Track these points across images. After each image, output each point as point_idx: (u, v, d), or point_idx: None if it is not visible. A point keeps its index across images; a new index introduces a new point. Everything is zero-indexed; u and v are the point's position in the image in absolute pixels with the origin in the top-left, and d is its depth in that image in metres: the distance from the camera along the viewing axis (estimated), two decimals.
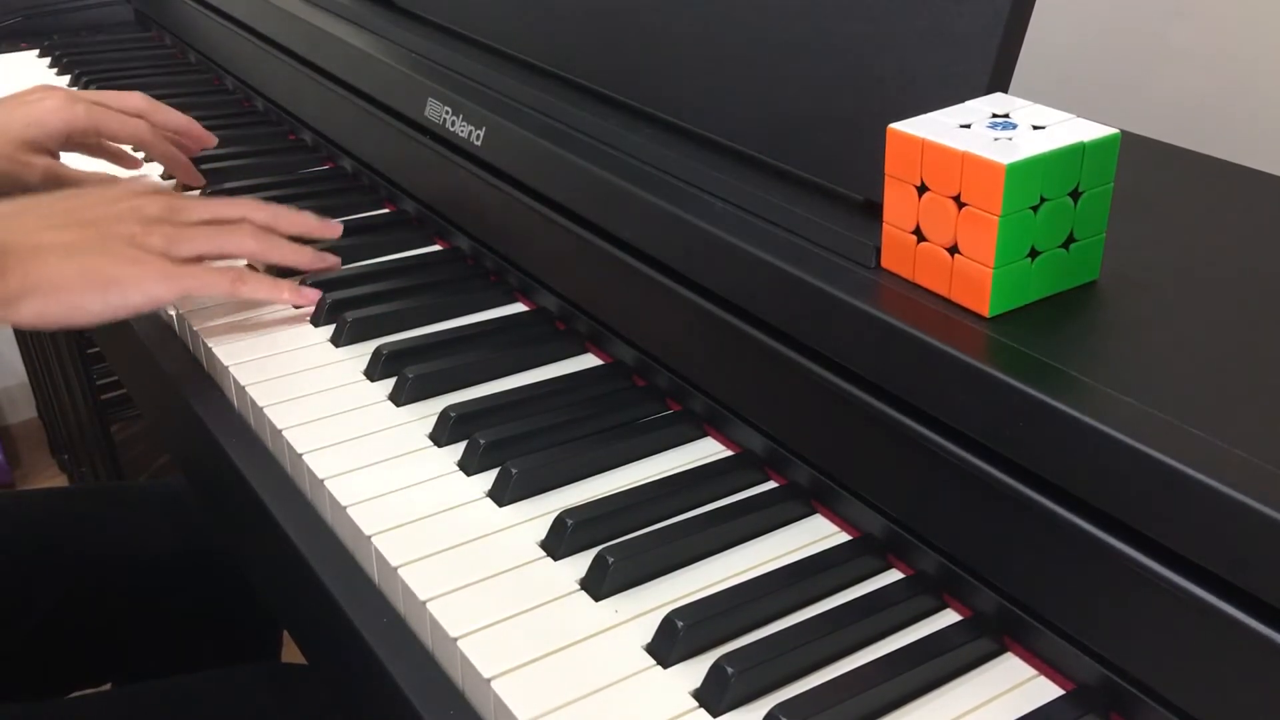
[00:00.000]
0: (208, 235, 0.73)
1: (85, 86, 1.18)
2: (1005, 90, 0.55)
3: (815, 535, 0.59)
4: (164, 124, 0.92)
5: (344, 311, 0.76)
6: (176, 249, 0.71)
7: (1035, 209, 0.50)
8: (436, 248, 0.86)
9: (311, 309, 0.77)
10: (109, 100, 0.90)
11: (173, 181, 0.96)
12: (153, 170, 0.99)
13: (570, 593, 0.55)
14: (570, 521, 0.57)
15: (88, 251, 0.67)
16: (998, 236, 0.50)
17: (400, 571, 0.55)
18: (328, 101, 0.97)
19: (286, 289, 0.76)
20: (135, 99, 0.91)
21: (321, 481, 0.61)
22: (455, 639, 0.51)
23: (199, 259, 0.72)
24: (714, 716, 0.48)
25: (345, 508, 0.59)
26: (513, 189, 0.76)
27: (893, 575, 0.56)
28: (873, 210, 0.58)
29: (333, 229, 0.82)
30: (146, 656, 1.00)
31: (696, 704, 0.49)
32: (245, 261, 0.80)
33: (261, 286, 0.75)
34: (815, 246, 0.58)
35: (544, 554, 0.57)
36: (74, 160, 0.92)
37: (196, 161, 0.96)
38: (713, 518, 0.58)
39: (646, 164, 0.67)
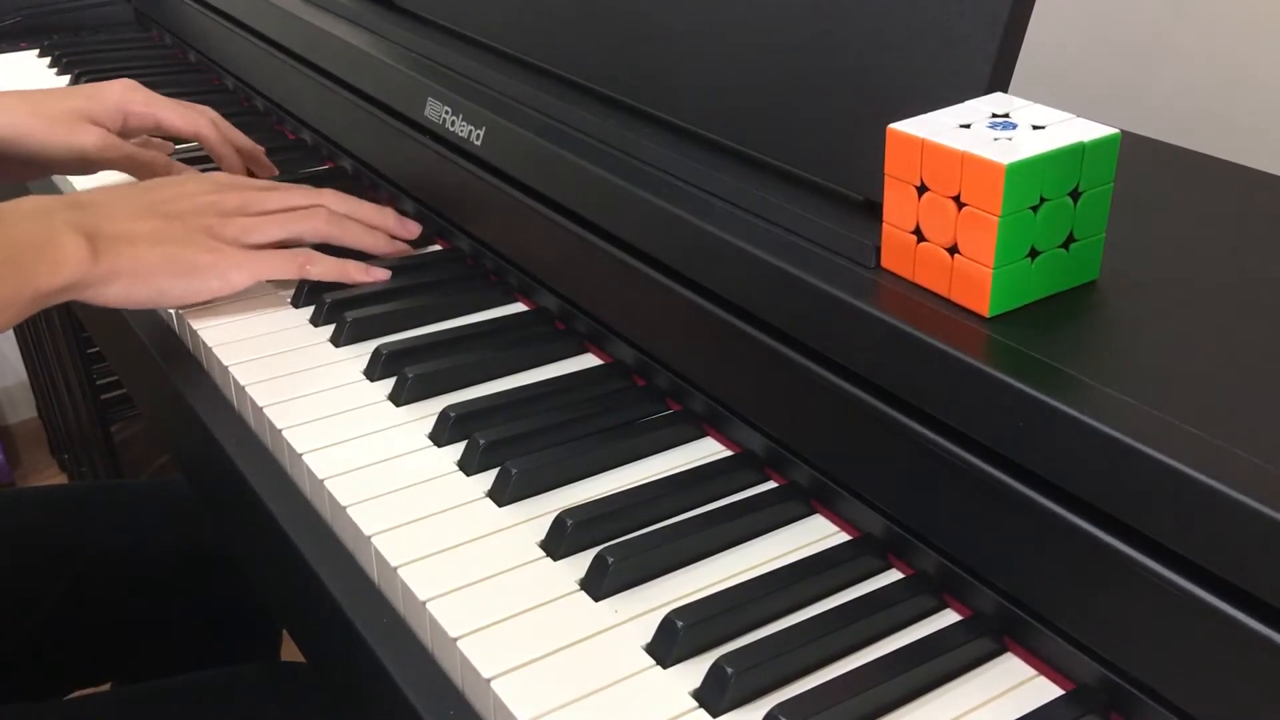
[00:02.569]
0: (281, 222, 0.78)
1: None
2: (1005, 90, 0.55)
3: (815, 535, 0.59)
4: (230, 138, 0.95)
5: (344, 311, 0.76)
6: (250, 238, 0.76)
7: (1035, 209, 0.50)
8: (436, 248, 0.86)
9: (379, 278, 0.80)
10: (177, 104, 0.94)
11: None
12: None
13: (570, 593, 0.55)
14: (570, 521, 0.57)
15: (171, 241, 0.72)
16: (998, 236, 0.50)
17: (400, 571, 0.55)
18: (327, 101, 0.97)
19: (353, 267, 0.79)
20: (203, 121, 0.94)
21: (321, 481, 0.61)
22: (455, 639, 0.51)
23: (270, 247, 0.77)
24: (714, 716, 0.48)
25: (345, 508, 0.59)
26: (513, 189, 0.76)
27: (893, 575, 0.56)
28: (873, 210, 0.58)
29: (411, 229, 0.85)
30: (146, 656, 1.00)
31: (696, 704, 0.49)
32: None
33: (330, 268, 0.78)
34: (815, 246, 0.58)
35: (544, 554, 0.57)
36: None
37: (197, 162, 0.96)
38: (713, 518, 0.58)
39: (646, 164, 0.67)
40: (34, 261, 0.66)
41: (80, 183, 0.97)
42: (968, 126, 0.52)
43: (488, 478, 0.62)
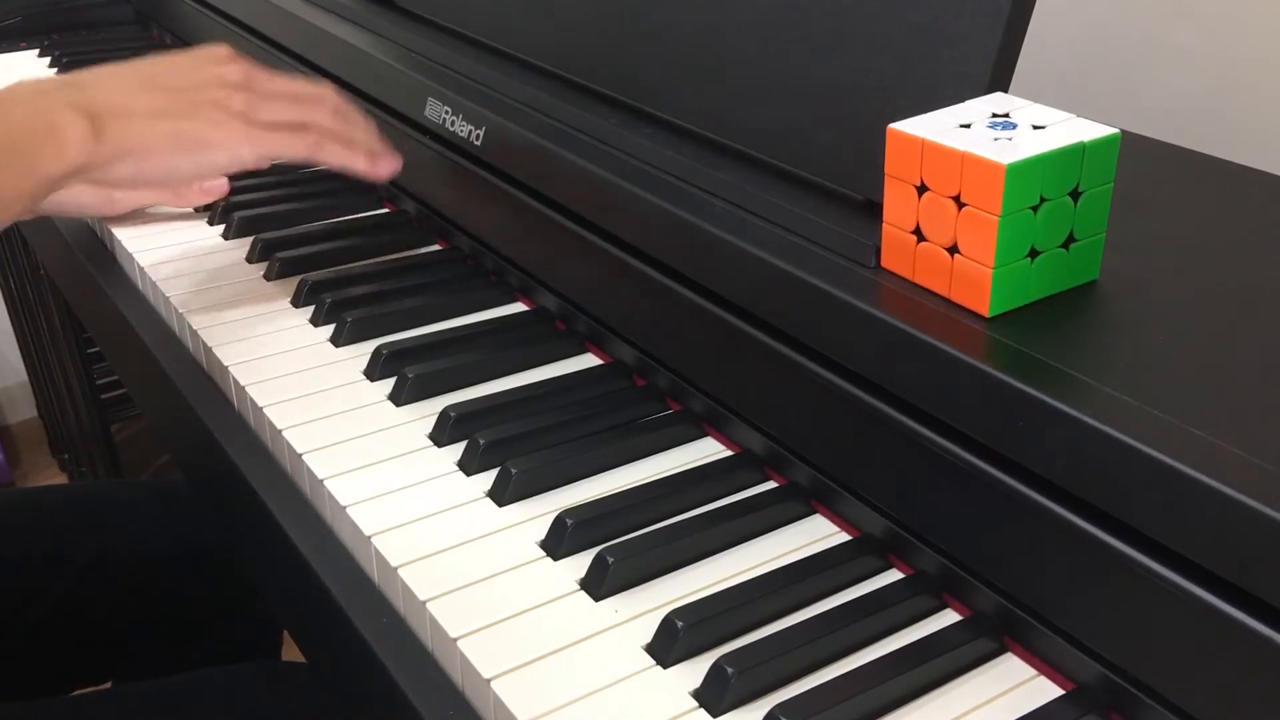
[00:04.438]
0: (286, 104, 0.75)
1: None
2: (1005, 90, 0.55)
3: (815, 535, 0.59)
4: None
5: (344, 311, 0.76)
6: (257, 114, 0.73)
7: (1035, 209, 0.50)
8: (436, 248, 0.86)
9: (386, 173, 0.78)
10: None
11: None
12: None
13: (570, 593, 0.55)
14: (570, 521, 0.57)
15: (176, 116, 0.70)
16: (998, 236, 0.50)
17: (400, 571, 0.55)
18: None
19: (362, 157, 0.77)
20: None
21: (321, 481, 0.61)
22: (455, 639, 0.51)
23: (277, 125, 0.75)
24: (714, 716, 0.48)
25: (345, 508, 0.59)
26: (513, 189, 0.76)
27: (893, 575, 0.56)
28: (873, 210, 0.58)
29: (393, 164, 0.80)
30: (147, 655, 1.00)
31: (696, 704, 0.49)
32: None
33: (339, 153, 0.76)
34: (815, 246, 0.58)
35: (544, 554, 0.57)
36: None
37: None
38: (713, 518, 0.58)
39: (646, 164, 0.67)
40: (35, 147, 0.64)
41: None
42: (968, 126, 0.52)
43: (488, 478, 0.62)
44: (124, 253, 0.88)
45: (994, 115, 0.53)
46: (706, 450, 0.65)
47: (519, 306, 0.79)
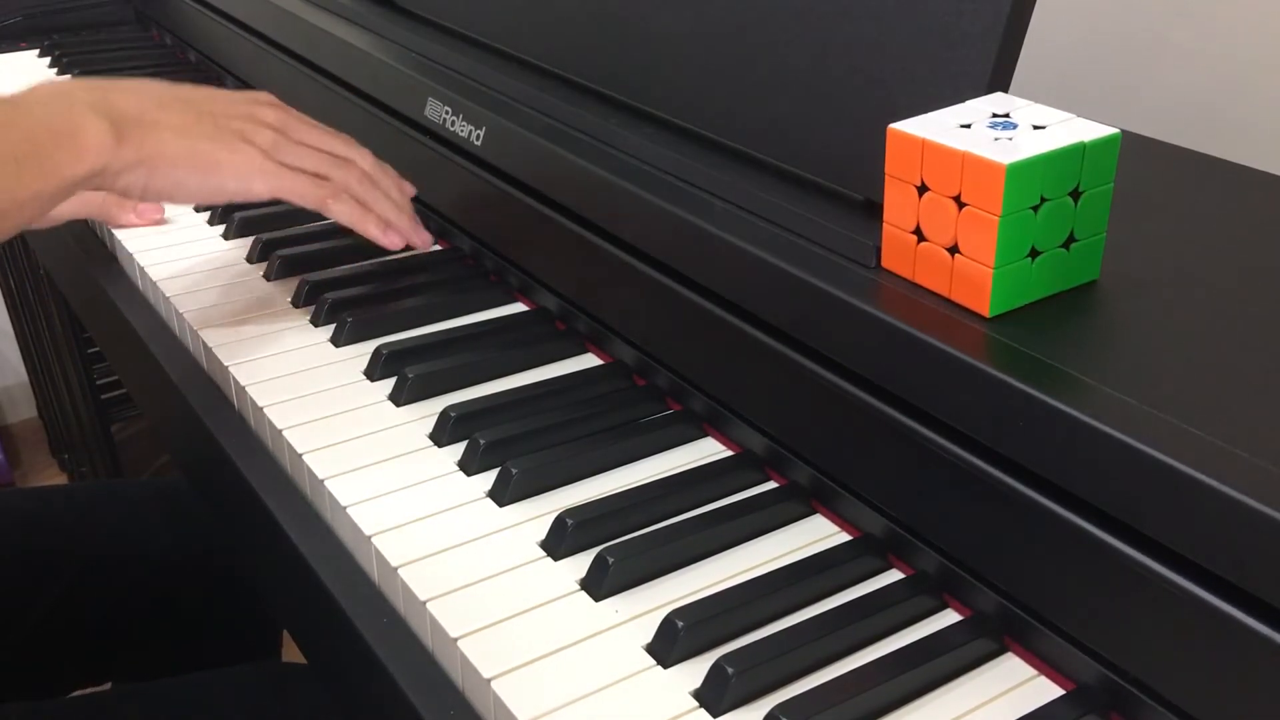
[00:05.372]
0: (314, 157, 0.75)
1: None
2: (1005, 90, 0.55)
3: (815, 535, 0.59)
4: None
5: (344, 311, 0.76)
6: (279, 154, 0.73)
7: (1035, 209, 0.50)
8: (436, 248, 0.86)
9: (396, 243, 0.77)
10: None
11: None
12: None
13: (570, 593, 0.55)
14: (570, 521, 0.57)
15: (198, 136, 0.70)
16: (998, 236, 0.50)
17: (400, 571, 0.55)
18: (327, 101, 0.97)
19: (374, 222, 0.76)
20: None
21: (321, 481, 0.61)
22: (455, 639, 0.51)
23: (297, 168, 0.74)
24: (714, 716, 0.48)
25: (345, 508, 0.59)
26: (513, 189, 0.76)
27: (893, 575, 0.56)
28: (873, 210, 0.58)
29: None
30: (146, 656, 1.00)
31: (696, 704, 0.49)
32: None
33: (352, 212, 0.75)
34: (815, 246, 0.58)
35: (544, 554, 0.57)
36: None
37: None
38: (713, 518, 0.58)
39: (646, 164, 0.67)
40: (56, 149, 0.64)
41: None
42: (968, 126, 0.52)
43: (488, 478, 0.62)
44: (124, 253, 0.88)
45: (994, 115, 0.53)
46: (706, 450, 0.65)
47: (519, 306, 0.79)
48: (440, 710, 0.51)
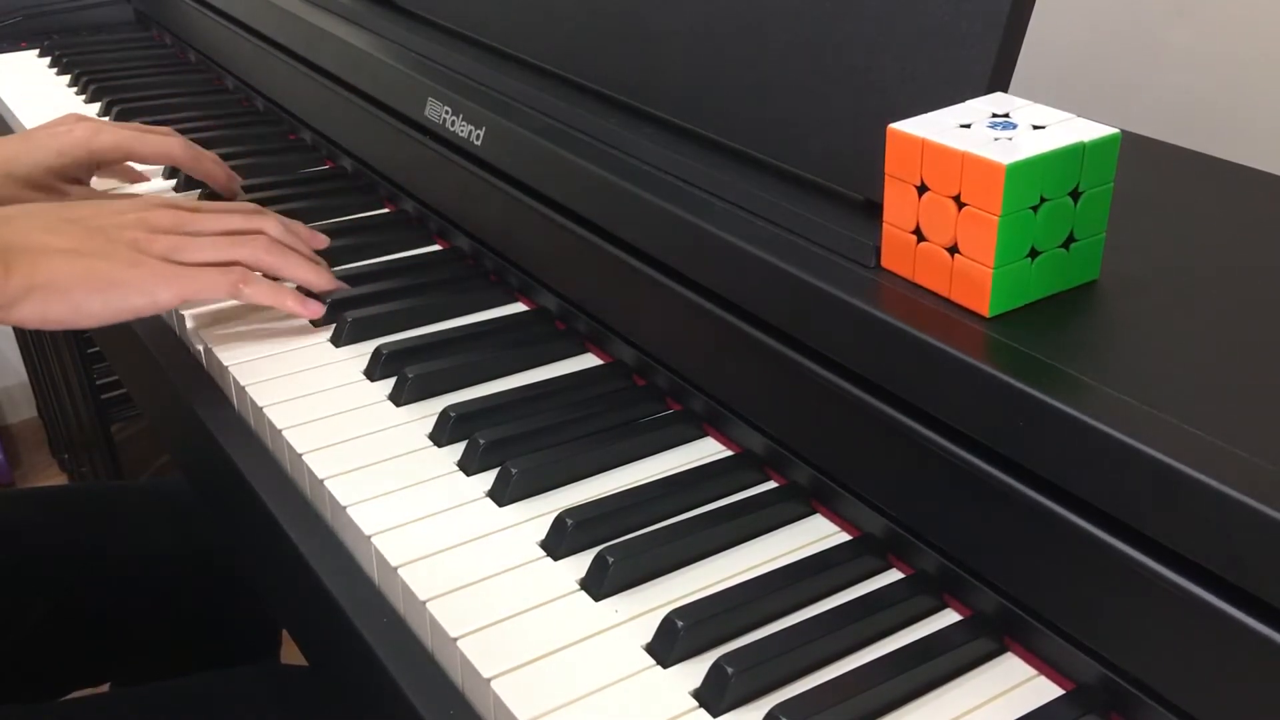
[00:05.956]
0: (215, 245, 0.73)
1: (85, 86, 1.18)
2: (1005, 90, 0.55)
3: (815, 535, 0.59)
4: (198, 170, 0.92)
5: (344, 311, 0.75)
6: (180, 255, 0.71)
7: (1035, 209, 0.50)
8: (436, 248, 0.86)
9: (316, 313, 0.76)
10: (142, 133, 0.90)
11: (192, 193, 0.94)
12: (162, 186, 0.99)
13: (570, 593, 0.55)
14: (570, 521, 0.57)
15: (90, 255, 0.67)
16: (998, 236, 0.50)
17: (400, 571, 0.55)
18: (327, 101, 0.97)
19: (290, 296, 0.74)
20: (173, 143, 0.90)
21: (321, 481, 0.61)
22: (455, 639, 0.51)
23: (204, 265, 0.72)
24: (714, 716, 0.48)
25: (345, 508, 0.59)
26: (513, 189, 0.76)
27: (893, 575, 0.56)
28: (873, 210, 0.58)
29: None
30: (146, 656, 1.00)
31: (696, 704, 0.49)
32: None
33: (266, 292, 0.73)
34: (815, 246, 0.58)
35: (544, 554, 0.57)
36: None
37: None
38: (713, 518, 0.58)
39: (646, 164, 0.67)
40: None
41: None
42: (968, 126, 0.52)
43: (488, 478, 0.62)
44: None
45: (994, 115, 0.53)
46: (706, 450, 0.65)
47: (519, 306, 0.79)
48: (440, 710, 0.51)
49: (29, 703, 0.91)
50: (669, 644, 0.51)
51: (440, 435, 0.65)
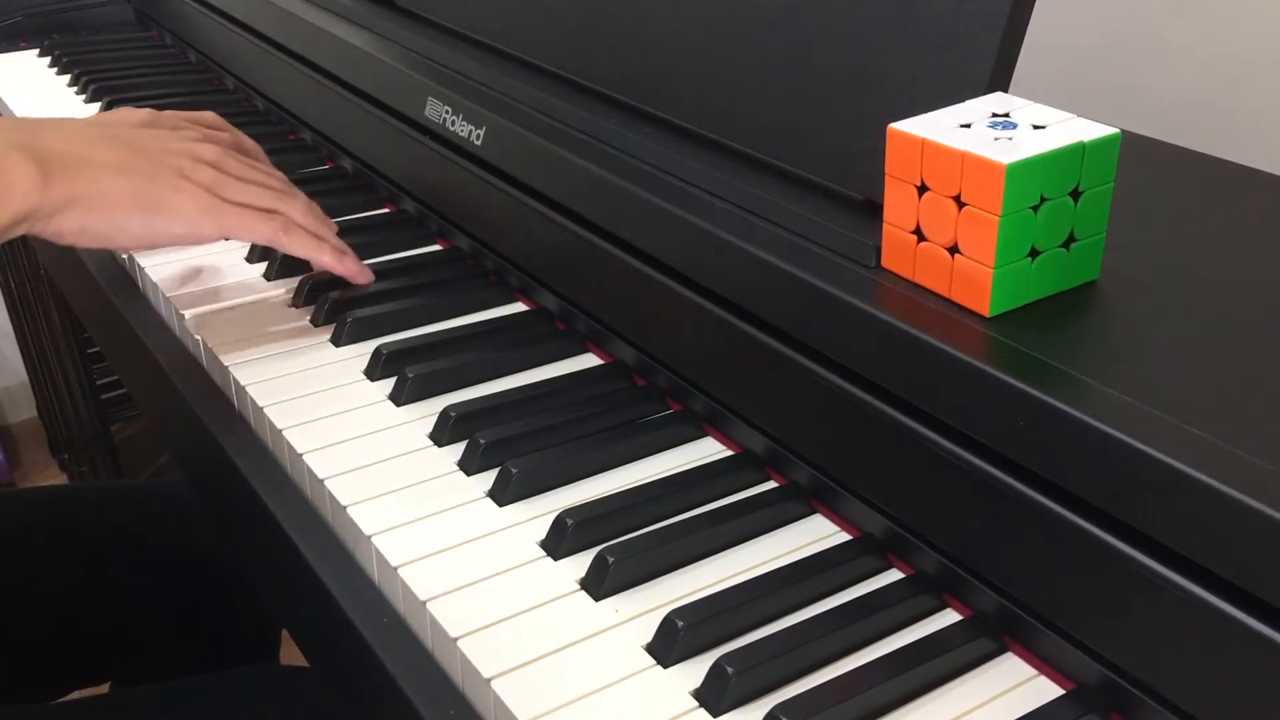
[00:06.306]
0: (255, 190, 0.72)
1: (85, 86, 1.18)
2: (1005, 90, 0.55)
3: (815, 535, 0.59)
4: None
5: (344, 311, 0.75)
6: (223, 190, 0.70)
7: (1035, 209, 0.50)
8: (436, 248, 0.86)
9: (353, 272, 0.76)
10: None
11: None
12: None
13: (570, 593, 0.55)
14: (570, 521, 0.57)
15: (136, 174, 0.66)
16: (998, 236, 0.50)
17: (400, 571, 0.55)
18: (328, 101, 0.97)
19: (329, 251, 0.73)
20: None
21: (321, 481, 0.61)
22: (455, 639, 0.51)
23: (242, 205, 0.71)
24: (714, 716, 0.48)
25: (345, 507, 0.59)
26: (513, 189, 0.76)
27: (893, 575, 0.56)
28: (873, 210, 0.58)
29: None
30: (146, 656, 1.00)
31: (696, 704, 0.49)
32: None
33: (306, 242, 0.72)
34: (815, 246, 0.58)
35: (544, 554, 0.57)
36: None
37: None
38: (713, 518, 0.58)
39: (646, 164, 0.67)
40: None
41: None
42: (968, 126, 0.52)
43: (488, 478, 0.62)
44: (125, 253, 0.88)
45: (994, 115, 0.53)
46: (706, 450, 0.65)
47: (519, 306, 0.79)
48: (440, 710, 0.51)
49: (29, 703, 0.91)
50: (669, 644, 0.51)
51: (440, 435, 0.65)
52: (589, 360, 0.73)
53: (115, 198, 0.65)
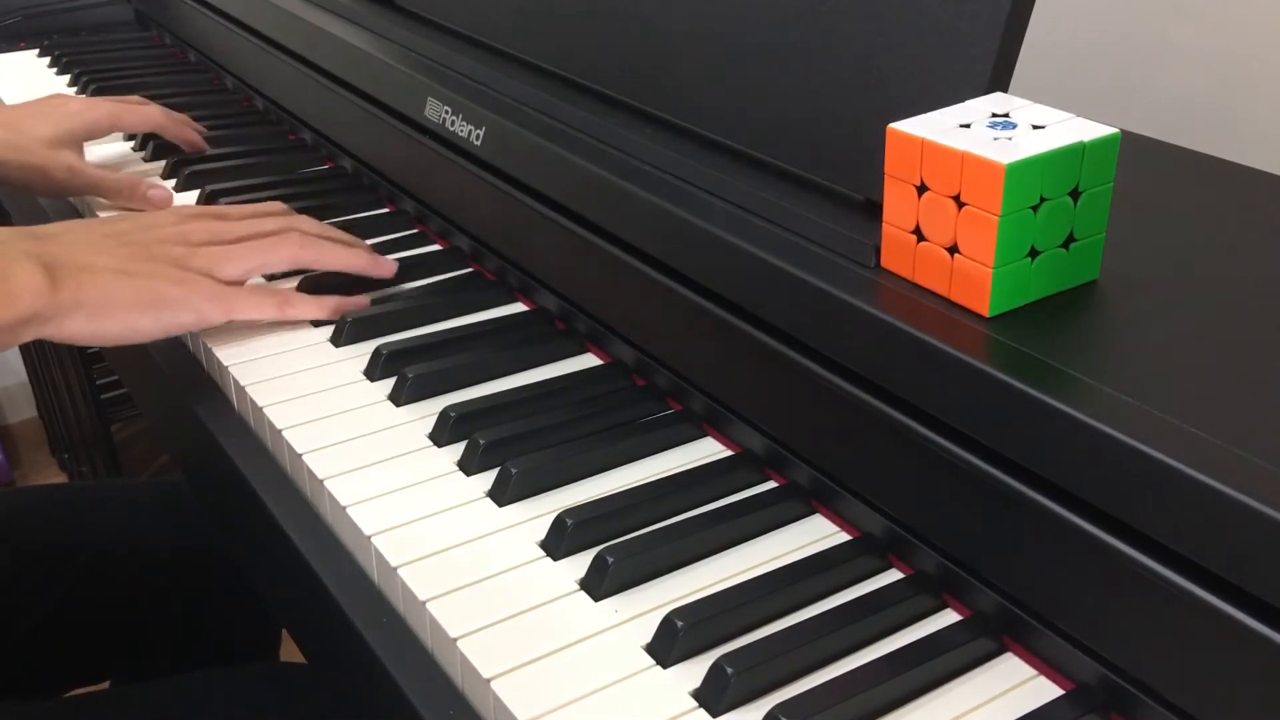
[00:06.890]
0: (252, 252, 0.74)
1: (85, 86, 1.18)
2: (1005, 90, 0.55)
3: (815, 535, 0.59)
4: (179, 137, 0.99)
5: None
6: (221, 270, 0.72)
7: (1035, 209, 0.50)
8: (437, 248, 0.86)
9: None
10: (126, 105, 0.97)
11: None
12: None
13: (570, 593, 0.55)
14: (570, 521, 0.57)
15: (137, 273, 0.69)
16: (998, 236, 0.50)
17: (400, 571, 0.55)
18: (327, 101, 0.97)
19: (331, 305, 0.76)
20: (154, 111, 0.98)
21: (321, 481, 0.61)
22: (455, 639, 0.51)
23: (245, 278, 0.74)
24: (714, 716, 0.48)
25: (345, 508, 0.59)
26: (513, 189, 0.76)
27: (893, 575, 0.56)
28: (873, 210, 0.58)
29: (386, 268, 0.80)
30: (146, 656, 1.00)
31: (696, 704, 0.49)
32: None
33: (308, 306, 0.75)
34: (815, 246, 0.58)
35: (544, 554, 0.57)
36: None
37: (197, 161, 0.96)
38: (713, 518, 0.58)
39: (646, 164, 0.67)
40: None
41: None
42: (968, 126, 0.52)
43: (488, 478, 0.62)
44: None
45: (994, 115, 0.53)
46: (706, 450, 0.65)
47: (519, 306, 0.79)
48: (440, 710, 0.51)
49: (29, 701, 0.91)
50: (669, 644, 0.51)
51: (440, 435, 0.65)
52: (589, 360, 0.73)
53: (122, 300, 0.67)
